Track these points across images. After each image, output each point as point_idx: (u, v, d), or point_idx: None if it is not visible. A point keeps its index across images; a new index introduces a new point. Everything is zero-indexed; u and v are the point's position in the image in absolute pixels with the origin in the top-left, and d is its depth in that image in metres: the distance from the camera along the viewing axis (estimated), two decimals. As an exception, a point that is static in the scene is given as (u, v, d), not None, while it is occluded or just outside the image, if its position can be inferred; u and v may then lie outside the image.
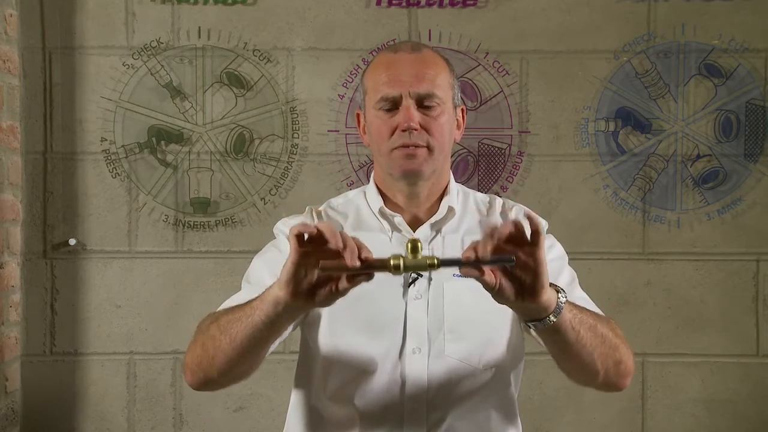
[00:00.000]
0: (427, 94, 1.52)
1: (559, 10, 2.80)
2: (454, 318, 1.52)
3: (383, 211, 1.58)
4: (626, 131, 2.81)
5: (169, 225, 2.80)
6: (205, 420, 2.81)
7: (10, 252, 2.68)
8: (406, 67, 1.53)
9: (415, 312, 1.52)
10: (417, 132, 1.51)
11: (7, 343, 2.66)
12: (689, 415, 2.81)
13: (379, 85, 1.54)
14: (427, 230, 1.58)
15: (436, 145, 1.53)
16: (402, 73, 1.52)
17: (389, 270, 1.18)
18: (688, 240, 2.81)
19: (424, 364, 1.51)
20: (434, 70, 1.55)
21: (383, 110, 1.54)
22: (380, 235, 1.58)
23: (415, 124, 1.51)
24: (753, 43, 2.79)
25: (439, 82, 1.54)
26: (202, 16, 2.79)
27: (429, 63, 1.55)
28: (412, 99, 1.51)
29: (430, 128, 1.52)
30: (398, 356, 1.51)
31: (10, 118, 2.68)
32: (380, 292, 1.52)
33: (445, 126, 1.55)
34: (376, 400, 1.51)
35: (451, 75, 1.59)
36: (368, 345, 1.51)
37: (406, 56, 1.55)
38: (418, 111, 1.52)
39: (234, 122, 2.81)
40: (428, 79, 1.53)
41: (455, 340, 1.51)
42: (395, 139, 1.52)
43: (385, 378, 1.51)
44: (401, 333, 1.51)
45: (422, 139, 1.52)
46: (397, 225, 1.58)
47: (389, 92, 1.52)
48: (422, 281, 1.53)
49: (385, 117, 1.54)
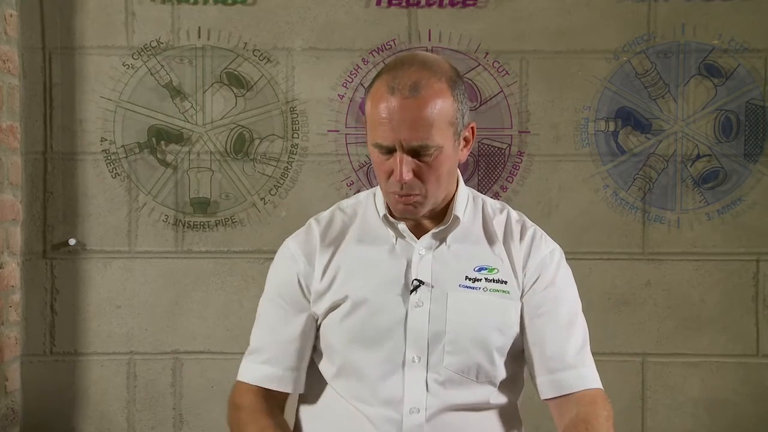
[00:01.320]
0: (420, 146, 1.46)
1: (559, 10, 2.80)
2: (456, 330, 1.50)
3: (388, 218, 1.57)
4: (626, 131, 2.81)
5: (169, 225, 2.80)
6: (205, 420, 2.81)
7: (10, 252, 2.68)
8: (401, 114, 1.45)
9: (415, 320, 1.51)
10: (409, 182, 1.47)
11: (7, 343, 2.66)
12: (689, 415, 2.81)
13: (375, 125, 1.48)
14: (431, 238, 1.56)
15: (431, 190, 1.50)
16: (396, 120, 1.45)
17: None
18: (688, 240, 2.81)
19: (423, 372, 1.50)
20: (431, 116, 1.45)
21: (379, 152, 1.50)
22: (384, 243, 1.57)
23: (406, 178, 1.46)
24: (753, 44, 2.79)
25: (438, 125, 1.46)
26: (202, 16, 2.79)
27: (427, 107, 1.45)
28: (405, 151, 1.46)
29: (423, 177, 1.48)
30: (400, 364, 1.50)
31: (10, 118, 2.68)
32: (382, 298, 1.52)
33: (442, 171, 1.50)
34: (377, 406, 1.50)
35: (453, 104, 1.48)
36: (370, 351, 1.51)
37: (401, 102, 1.44)
38: (413, 159, 1.47)
39: (234, 122, 2.81)
40: (423, 129, 1.45)
41: (455, 353, 1.50)
42: (391, 184, 1.49)
43: (387, 385, 1.50)
44: (402, 340, 1.50)
45: (417, 187, 1.48)
46: (401, 232, 1.57)
47: (383, 141, 1.47)
48: (424, 288, 1.52)
49: (382, 158, 1.50)
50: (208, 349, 2.81)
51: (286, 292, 1.58)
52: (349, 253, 1.56)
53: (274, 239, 1.68)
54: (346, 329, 1.52)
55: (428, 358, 1.50)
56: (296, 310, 1.57)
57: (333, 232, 1.60)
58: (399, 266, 1.54)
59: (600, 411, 1.50)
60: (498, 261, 1.56)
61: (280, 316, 1.58)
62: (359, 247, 1.57)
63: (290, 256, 1.60)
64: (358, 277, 1.53)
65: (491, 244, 1.58)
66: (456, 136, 1.51)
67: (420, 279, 1.52)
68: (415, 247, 1.55)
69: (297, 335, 1.56)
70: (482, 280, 1.53)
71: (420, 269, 1.53)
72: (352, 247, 1.57)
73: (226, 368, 2.79)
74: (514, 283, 1.55)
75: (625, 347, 2.81)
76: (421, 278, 1.52)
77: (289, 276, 1.59)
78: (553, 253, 1.59)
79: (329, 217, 1.63)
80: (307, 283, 1.57)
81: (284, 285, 1.59)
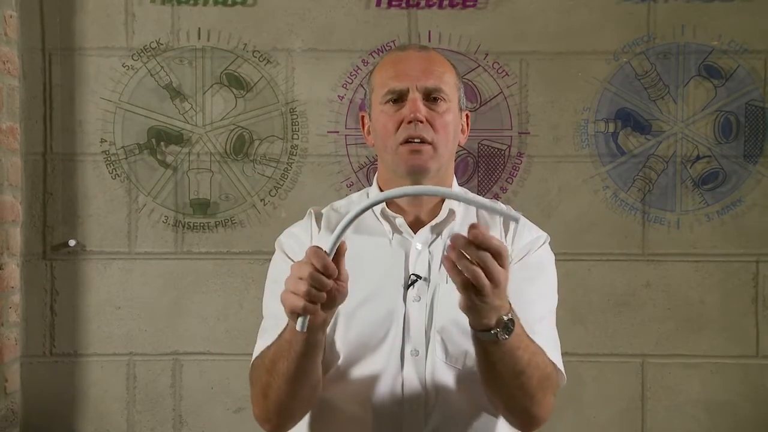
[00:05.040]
0: (434, 88, 1.54)
1: (559, 11, 2.80)
2: (443, 320, 1.51)
3: (385, 212, 1.59)
4: (626, 132, 2.81)
5: (169, 226, 2.80)
6: (205, 421, 2.81)
7: (10, 253, 2.68)
8: (414, 62, 1.56)
9: (414, 314, 1.52)
10: (423, 125, 1.53)
11: (6, 344, 2.66)
12: (689, 416, 2.81)
13: (387, 79, 1.56)
14: (428, 233, 1.58)
15: (441, 142, 1.54)
16: (410, 68, 1.55)
17: None
18: (687, 241, 2.81)
19: (422, 366, 1.51)
20: (442, 68, 1.58)
21: (390, 103, 1.55)
22: (381, 237, 1.59)
23: (421, 116, 1.52)
24: (753, 45, 2.79)
25: (446, 79, 1.57)
26: (202, 17, 2.79)
27: (437, 61, 1.59)
28: (419, 92, 1.54)
29: (435, 124, 1.54)
30: (399, 358, 1.51)
31: (10, 119, 2.68)
32: (381, 293, 1.52)
33: (450, 124, 1.56)
34: (377, 401, 1.51)
35: (457, 77, 1.61)
36: (370, 346, 1.51)
37: (414, 53, 1.59)
38: (424, 105, 1.54)
39: (234, 123, 2.81)
40: (436, 75, 1.56)
41: (443, 342, 1.51)
42: (401, 132, 1.53)
43: (387, 379, 1.51)
44: (401, 335, 1.52)
45: (427, 133, 1.53)
46: (399, 227, 1.58)
47: (396, 85, 1.54)
48: (421, 283, 1.53)
49: (391, 111, 1.55)
50: (207, 350, 2.81)
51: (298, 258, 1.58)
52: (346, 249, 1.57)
53: (274, 240, 1.68)
54: (344, 324, 1.53)
55: (427, 351, 1.51)
56: None
57: (331, 226, 1.62)
58: (397, 261, 1.55)
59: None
60: None
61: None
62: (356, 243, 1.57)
63: (294, 234, 1.63)
64: (356, 272, 1.53)
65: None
66: (459, 107, 1.60)
67: (417, 274, 1.53)
68: (412, 242, 1.56)
69: None
70: None
71: (417, 264, 1.54)
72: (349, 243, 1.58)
73: (226, 369, 2.80)
74: None
75: (624, 348, 2.81)
76: (418, 273, 1.53)
77: (298, 248, 1.58)
78: (538, 239, 1.62)
79: (326, 214, 1.65)
80: None
81: (296, 255, 1.57)
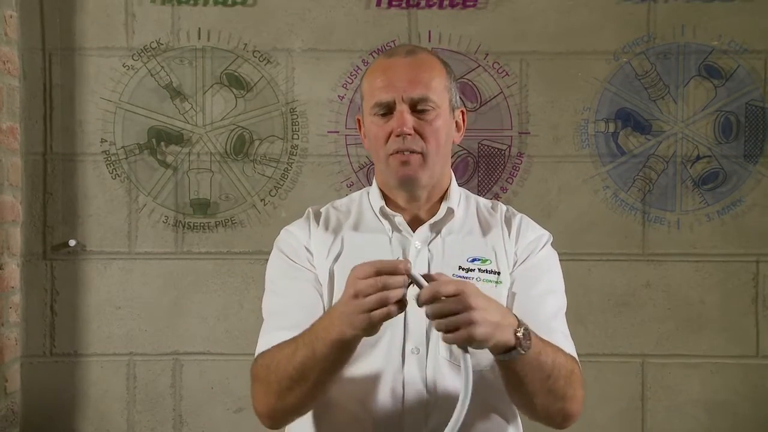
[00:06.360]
0: (420, 98, 1.52)
1: (559, 11, 2.80)
2: None
3: (384, 211, 1.59)
4: (626, 132, 2.81)
5: (169, 226, 2.80)
6: (205, 421, 2.81)
7: (10, 253, 2.68)
8: (400, 71, 1.53)
9: (414, 312, 1.52)
10: (411, 137, 1.52)
11: (6, 344, 2.66)
12: (689, 416, 2.81)
13: (374, 90, 1.55)
14: (427, 231, 1.59)
15: (431, 150, 1.53)
16: (396, 78, 1.53)
17: None
18: (687, 241, 2.81)
19: (422, 364, 1.51)
20: (429, 74, 1.55)
21: (378, 115, 1.55)
22: (380, 236, 1.59)
23: (408, 129, 1.51)
24: (753, 45, 2.79)
25: (434, 85, 1.54)
26: (202, 17, 2.79)
27: (424, 66, 1.55)
28: (405, 104, 1.52)
29: (424, 133, 1.52)
30: (400, 356, 1.51)
31: (10, 119, 2.68)
32: None
33: (440, 130, 1.55)
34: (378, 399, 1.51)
35: (447, 78, 1.59)
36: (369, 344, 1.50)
37: (400, 60, 1.55)
38: (412, 115, 1.52)
39: (234, 123, 2.81)
40: (422, 83, 1.53)
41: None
42: (390, 144, 1.53)
43: (388, 378, 1.51)
44: (401, 332, 1.52)
45: (416, 144, 1.52)
46: (398, 225, 1.58)
47: (383, 97, 1.53)
48: None
49: (381, 122, 1.55)
50: (207, 350, 2.81)
51: (298, 257, 1.58)
52: (346, 246, 1.58)
53: (274, 240, 1.68)
54: None
55: (427, 349, 1.51)
56: (309, 273, 1.57)
57: (331, 224, 1.63)
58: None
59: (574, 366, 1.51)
60: (491, 252, 1.58)
61: (298, 281, 1.56)
62: (356, 241, 1.58)
63: (291, 233, 1.63)
64: None
65: (484, 235, 1.61)
66: (450, 108, 1.58)
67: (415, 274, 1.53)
68: (412, 240, 1.57)
69: (318, 298, 1.55)
70: (475, 270, 1.56)
71: (417, 262, 1.55)
72: (349, 241, 1.59)
73: (226, 369, 2.80)
74: (507, 273, 1.57)
75: (624, 348, 2.81)
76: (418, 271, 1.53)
77: (297, 246, 1.59)
78: (541, 238, 1.63)
79: (325, 212, 1.66)
80: (311, 255, 1.58)
81: (295, 253, 1.59)
